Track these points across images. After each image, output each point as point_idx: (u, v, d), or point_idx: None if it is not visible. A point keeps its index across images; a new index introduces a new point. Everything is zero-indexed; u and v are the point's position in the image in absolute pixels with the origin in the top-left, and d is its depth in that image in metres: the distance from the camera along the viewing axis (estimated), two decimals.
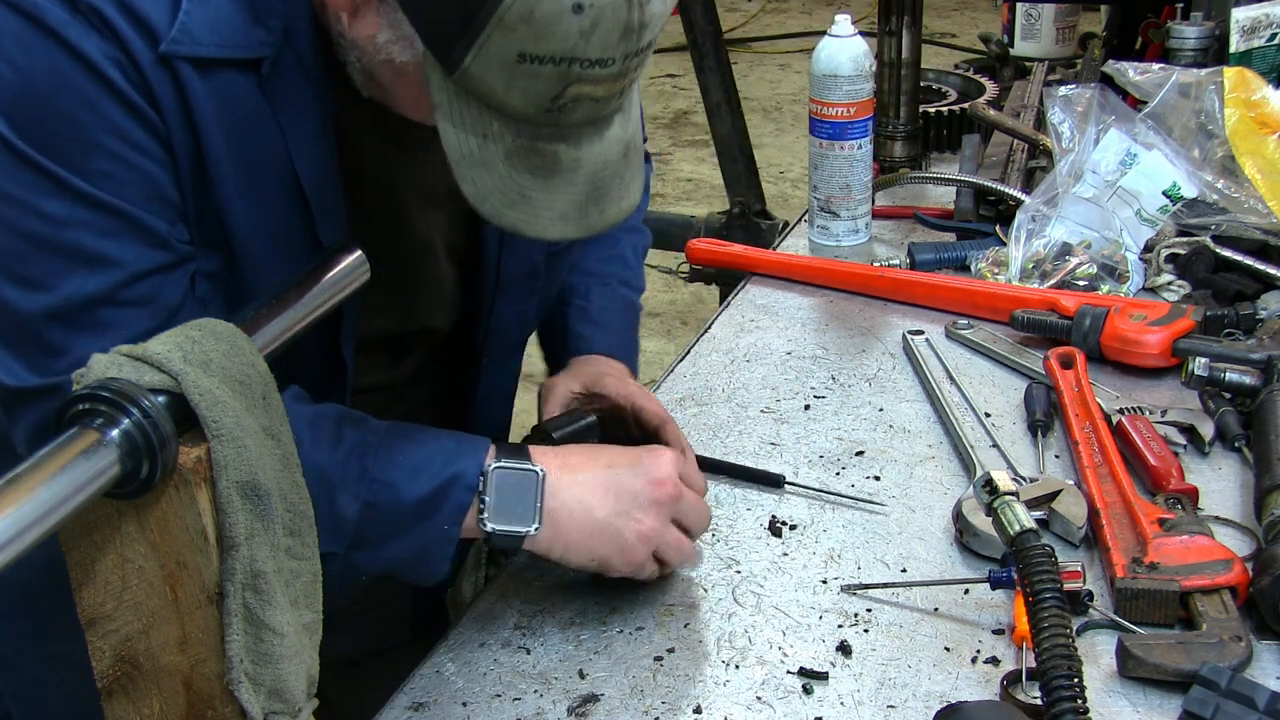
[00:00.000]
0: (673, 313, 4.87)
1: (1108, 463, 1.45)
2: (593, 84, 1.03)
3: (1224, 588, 1.24)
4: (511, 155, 1.07)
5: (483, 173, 1.08)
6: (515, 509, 1.21)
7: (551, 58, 1.00)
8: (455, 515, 1.21)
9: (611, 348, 1.56)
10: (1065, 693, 1.04)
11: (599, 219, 1.14)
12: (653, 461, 1.28)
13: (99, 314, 1.11)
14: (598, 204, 1.13)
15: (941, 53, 6.32)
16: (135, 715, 0.98)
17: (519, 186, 1.08)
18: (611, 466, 1.27)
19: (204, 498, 0.92)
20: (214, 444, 0.92)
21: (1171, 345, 1.67)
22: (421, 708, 1.20)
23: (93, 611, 0.95)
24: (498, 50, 1.00)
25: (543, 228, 1.11)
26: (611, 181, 1.14)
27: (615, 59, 1.02)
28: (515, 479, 1.22)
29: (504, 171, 1.08)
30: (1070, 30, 3.19)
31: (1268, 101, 2.05)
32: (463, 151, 1.07)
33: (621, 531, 1.24)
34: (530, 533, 1.22)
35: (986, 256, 1.98)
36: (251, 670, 0.95)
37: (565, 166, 1.09)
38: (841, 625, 1.28)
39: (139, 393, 0.90)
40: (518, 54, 1.00)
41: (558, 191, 1.10)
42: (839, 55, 2.05)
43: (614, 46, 1.01)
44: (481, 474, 1.21)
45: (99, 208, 1.09)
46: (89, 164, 1.08)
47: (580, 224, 1.13)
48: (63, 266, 1.09)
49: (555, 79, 1.02)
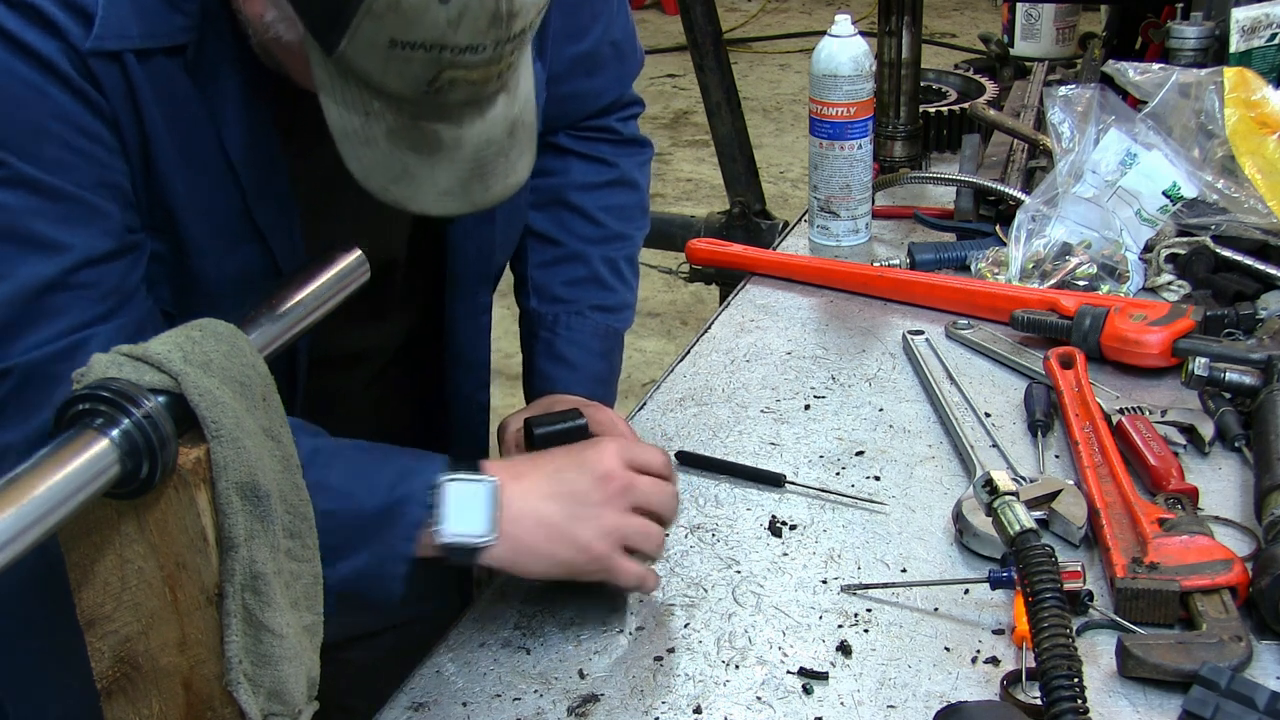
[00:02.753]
0: (673, 313, 4.87)
1: (1108, 463, 1.45)
2: (466, 69, 1.05)
3: (1224, 588, 1.24)
4: (393, 133, 1.09)
5: (366, 150, 1.09)
6: (469, 519, 1.20)
7: (422, 44, 1.01)
8: (410, 531, 1.20)
9: (577, 386, 1.52)
10: (1065, 693, 1.04)
11: (483, 196, 1.15)
12: (596, 456, 1.26)
13: (51, 299, 1.11)
14: (482, 181, 1.14)
15: (941, 53, 6.32)
16: (134, 716, 0.98)
17: (402, 163, 1.10)
18: (557, 470, 1.25)
19: (203, 498, 0.92)
20: (213, 445, 0.92)
21: (1171, 345, 1.67)
22: (421, 708, 1.20)
23: (92, 612, 0.95)
24: (370, 36, 1.02)
25: (426, 204, 1.13)
26: (496, 159, 1.15)
27: (486, 45, 1.04)
28: (469, 490, 1.21)
29: (386, 149, 1.09)
30: (1070, 30, 3.19)
31: (1268, 101, 2.05)
32: (346, 129, 1.08)
33: (577, 533, 1.23)
34: (487, 541, 1.20)
35: (986, 256, 1.98)
36: (250, 671, 0.95)
37: (447, 145, 1.11)
38: (841, 625, 1.28)
39: (139, 393, 0.90)
40: (389, 40, 1.02)
41: (441, 169, 1.11)
42: (839, 55, 2.05)
43: (483, 33, 1.03)
44: (433, 487, 1.20)
45: (51, 194, 1.10)
46: (41, 151, 1.09)
47: (464, 200, 1.15)
48: (14, 253, 1.10)
49: (428, 64, 1.03)
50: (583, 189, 1.60)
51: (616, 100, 1.63)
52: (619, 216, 1.62)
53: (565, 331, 1.55)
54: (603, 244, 1.60)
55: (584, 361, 1.55)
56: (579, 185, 1.60)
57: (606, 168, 1.62)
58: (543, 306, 1.57)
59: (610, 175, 1.62)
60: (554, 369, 1.54)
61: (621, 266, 1.62)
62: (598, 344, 1.57)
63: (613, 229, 1.61)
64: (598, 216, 1.60)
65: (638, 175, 1.66)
